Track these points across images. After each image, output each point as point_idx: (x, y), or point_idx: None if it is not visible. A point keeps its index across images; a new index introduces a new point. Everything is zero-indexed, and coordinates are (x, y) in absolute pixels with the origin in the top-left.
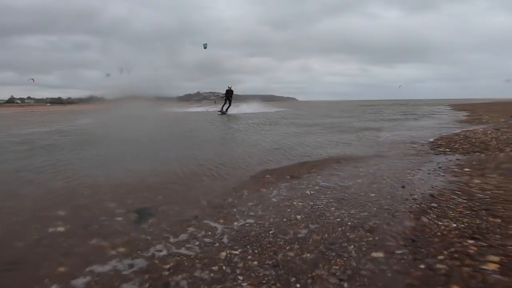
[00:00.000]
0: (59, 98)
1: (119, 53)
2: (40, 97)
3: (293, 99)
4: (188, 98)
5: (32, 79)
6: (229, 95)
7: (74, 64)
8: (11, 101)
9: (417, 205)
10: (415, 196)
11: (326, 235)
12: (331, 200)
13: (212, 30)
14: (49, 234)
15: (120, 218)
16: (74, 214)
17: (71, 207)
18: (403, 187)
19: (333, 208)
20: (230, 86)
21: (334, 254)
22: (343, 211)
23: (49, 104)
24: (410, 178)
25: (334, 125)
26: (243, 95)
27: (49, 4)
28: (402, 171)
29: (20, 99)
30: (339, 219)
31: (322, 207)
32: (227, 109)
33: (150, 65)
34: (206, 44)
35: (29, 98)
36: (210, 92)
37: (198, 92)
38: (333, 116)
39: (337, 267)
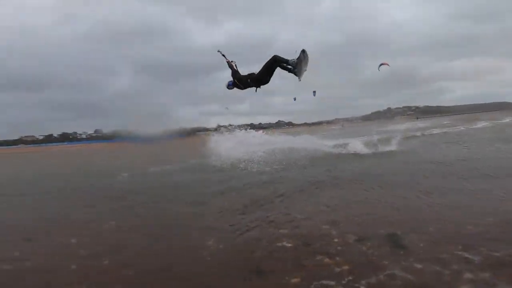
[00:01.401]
0: (251, 124)
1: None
2: (238, 124)
3: None
4: (376, 117)
5: (227, 107)
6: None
7: (260, 92)
8: (217, 129)
9: None
10: None
11: None
12: None
13: (392, 37)
14: None
15: None
16: None
17: None
18: None
19: None
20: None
21: None
22: None
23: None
24: None
25: None
26: (454, 106)
27: (233, 41)
28: None
29: (223, 126)
30: None
31: None
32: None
33: (327, 86)
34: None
35: (230, 125)
36: (404, 107)
37: (389, 108)
38: None
39: None
